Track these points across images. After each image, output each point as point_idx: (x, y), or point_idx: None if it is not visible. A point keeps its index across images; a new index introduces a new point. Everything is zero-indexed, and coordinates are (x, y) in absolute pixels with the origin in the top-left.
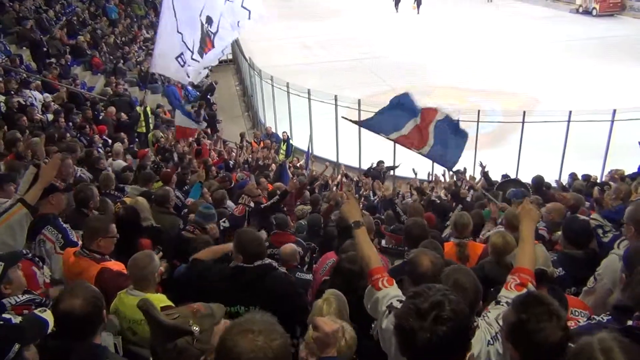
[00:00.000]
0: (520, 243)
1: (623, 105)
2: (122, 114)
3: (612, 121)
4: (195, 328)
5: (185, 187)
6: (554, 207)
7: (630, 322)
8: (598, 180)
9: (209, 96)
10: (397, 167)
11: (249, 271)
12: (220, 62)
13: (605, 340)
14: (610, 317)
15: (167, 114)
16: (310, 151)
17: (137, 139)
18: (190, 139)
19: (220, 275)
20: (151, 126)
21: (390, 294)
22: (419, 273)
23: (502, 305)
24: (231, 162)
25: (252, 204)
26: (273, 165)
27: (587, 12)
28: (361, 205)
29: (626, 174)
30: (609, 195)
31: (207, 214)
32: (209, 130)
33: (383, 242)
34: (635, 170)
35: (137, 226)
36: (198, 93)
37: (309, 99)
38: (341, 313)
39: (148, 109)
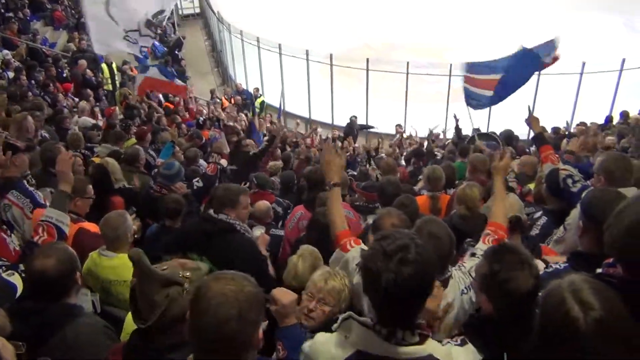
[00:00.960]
0: (495, 200)
1: (592, 58)
2: (89, 70)
3: (581, 74)
4: (187, 277)
5: (154, 145)
6: (526, 160)
7: (599, 270)
8: (566, 133)
9: (176, 51)
10: (372, 127)
11: (212, 221)
12: (187, 15)
13: (575, 282)
14: (567, 264)
15: (133, 71)
16: (282, 107)
17: (104, 97)
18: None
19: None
20: (118, 84)
21: (359, 252)
22: None
23: (478, 257)
24: (201, 119)
25: (222, 162)
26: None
27: None
28: None
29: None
30: (573, 144)
31: (168, 175)
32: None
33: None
34: (603, 122)
35: (107, 185)
36: (165, 49)
37: (280, 53)
38: (316, 269)
39: (114, 65)
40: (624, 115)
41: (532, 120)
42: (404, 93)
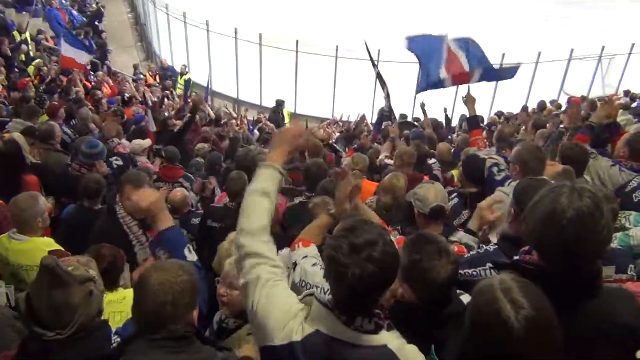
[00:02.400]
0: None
1: (511, 49)
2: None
3: (501, 65)
4: (93, 272)
5: (73, 122)
6: (441, 148)
7: (516, 257)
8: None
9: (96, 22)
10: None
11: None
12: None
13: (506, 281)
14: (496, 246)
15: (49, 41)
16: (209, 86)
17: (16, 69)
18: (79, 71)
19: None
20: (32, 54)
21: (299, 253)
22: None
23: None
24: (126, 96)
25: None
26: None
27: None
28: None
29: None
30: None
31: (90, 154)
32: (98, 61)
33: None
34: (519, 111)
35: (18, 161)
36: (84, 19)
37: (208, 30)
38: None
39: (28, 35)
40: (541, 105)
41: (469, 100)
42: (332, 76)
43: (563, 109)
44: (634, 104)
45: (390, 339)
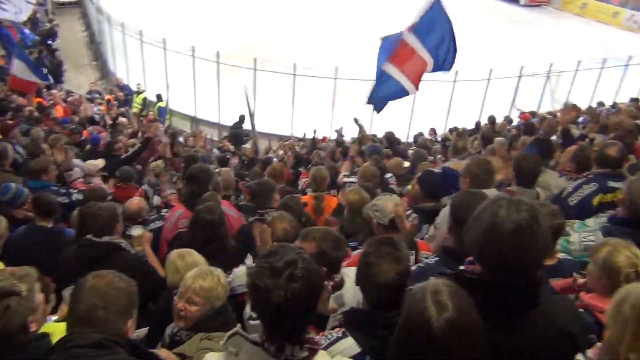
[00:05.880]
0: None
1: (463, 67)
2: None
3: (454, 82)
4: (23, 287)
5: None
6: (394, 162)
7: (462, 267)
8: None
9: (49, 41)
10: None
11: (94, 246)
12: (63, 3)
13: (437, 284)
14: (437, 258)
15: (0, 60)
16: (166, 106)
17: None
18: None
19: (67, 251)
20: None
21: None
22: (275, 238)
23: None
24: (97, 117)
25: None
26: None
27: (514, 0)
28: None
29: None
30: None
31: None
32: (51, 80)
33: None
34: (473, 127)
35: None
36: (37, 37)
37: (165, 49)
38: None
39: None
40: (491, 120)
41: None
42: (291, 94)
43: (515, 123)
44: (580, 119)
45: None
